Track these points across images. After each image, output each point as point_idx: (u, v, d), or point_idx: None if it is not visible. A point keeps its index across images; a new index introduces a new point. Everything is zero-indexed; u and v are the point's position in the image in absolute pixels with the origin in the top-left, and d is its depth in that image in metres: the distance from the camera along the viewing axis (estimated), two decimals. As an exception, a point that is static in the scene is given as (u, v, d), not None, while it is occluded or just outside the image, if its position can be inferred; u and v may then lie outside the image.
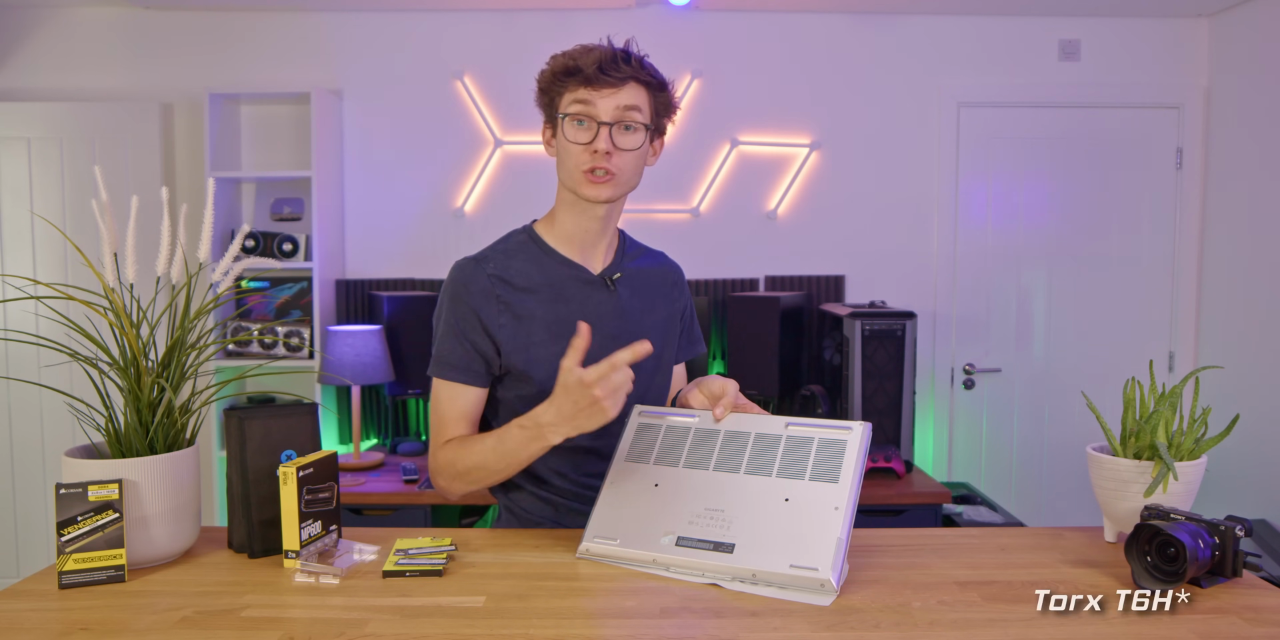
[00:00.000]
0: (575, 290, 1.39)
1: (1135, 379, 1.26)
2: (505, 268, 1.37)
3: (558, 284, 1.39)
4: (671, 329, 1.51)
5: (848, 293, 3.35)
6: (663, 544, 1.16)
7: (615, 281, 1.43)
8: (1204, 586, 1.10)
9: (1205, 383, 3.22)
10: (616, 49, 1.33)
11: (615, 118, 1.31)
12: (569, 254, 1.41)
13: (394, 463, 2.94)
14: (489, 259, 1.38)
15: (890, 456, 2.71)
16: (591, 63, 1.30)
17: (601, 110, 1.31)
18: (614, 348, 1.34)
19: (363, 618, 1.02)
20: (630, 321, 1.42)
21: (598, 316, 1.38)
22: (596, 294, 1.41)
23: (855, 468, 1.15)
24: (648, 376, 1.44)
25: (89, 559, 1.11)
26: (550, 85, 1.34)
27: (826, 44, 3.31)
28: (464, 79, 3.26)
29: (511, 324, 1.35)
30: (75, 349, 1.24)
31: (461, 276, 1.36)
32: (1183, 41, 3.33)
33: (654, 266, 1.52)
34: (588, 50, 1.33)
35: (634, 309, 1.44)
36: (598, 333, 1.36)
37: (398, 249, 3.31)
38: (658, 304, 1.49)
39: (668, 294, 1.52)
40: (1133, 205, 3.37)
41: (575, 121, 1.32)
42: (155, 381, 1.20)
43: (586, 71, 1.30)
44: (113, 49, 3.26)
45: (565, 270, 1.40)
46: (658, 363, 1.46)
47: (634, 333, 1.41)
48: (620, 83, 1.31)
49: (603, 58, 1.30)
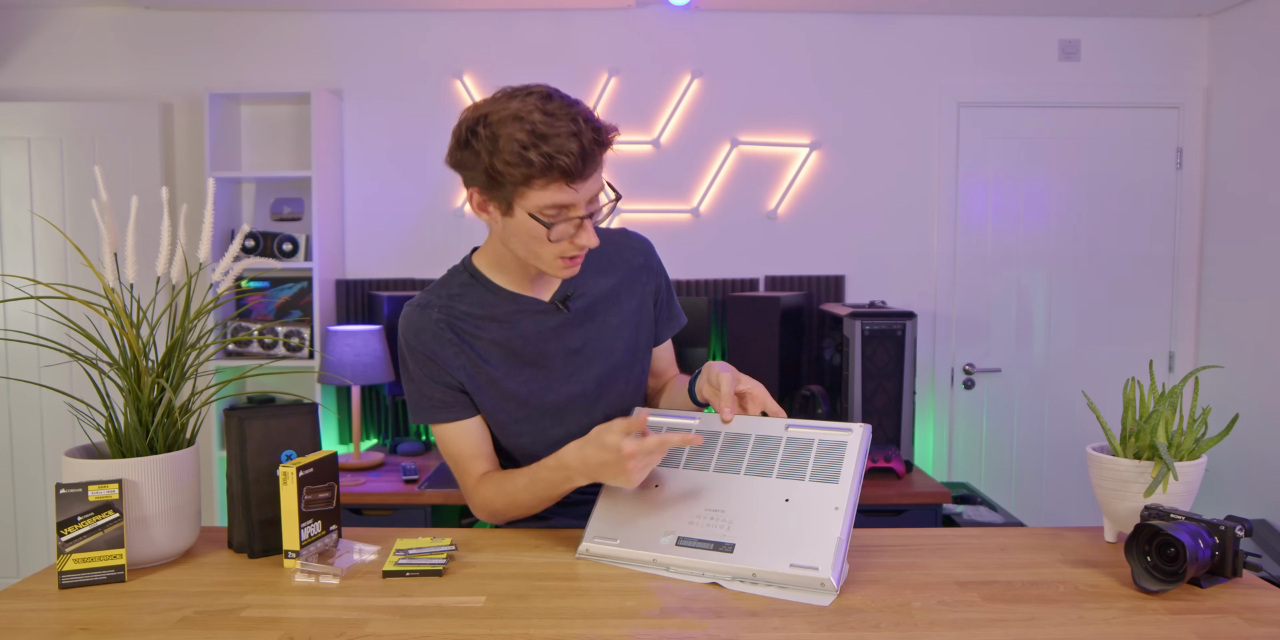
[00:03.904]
0: (527, 320, 1.32)
1: (1135, 379, 1.26)
2: (450, 311, 1.31)
3: (508, 319, 1.32)
4: (644, 318, 1.43)
5: (848, 293, 3.35)
6: (663, 544, 1.16)
7: (568, 300, 1.34)
8: (1204, 586, 1.10)
9: (1205, 383, 3.23)
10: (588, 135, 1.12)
11: (592, 205, 1.19)
12: (515, 287, 1.33)
13: (394, 463, 2.94)
14: (432, 306, 1.31)
15: (890, 456, 2.71)
16: (574, 159, 1.11)
17: (581, 202, 1.17)
18: (581, 363, 1.35)
19: (363, 618, 1.02)
20: (594, 330, 1.36)
21: (556, 342, 1.33)
22: (551, 319, 1.33)
23: (855, 469, 1.16)
24: (628, 371, 1.40)
25: (89, 559, 1.11)
26: (512, 182, 1.14)
27: (826, 44, 3.31)
28: (464, 79, 3.26)
29: (469, 366, 1.31)
30: (75, 349, 1.24)
31: (411, 326, 1.31)
32: (1183, 41, 3.33)
33: (615, 258, 1.40)
34: (558, 136, 1.11)
35: (596, 317, 1.36)
36: (561, 350, 1.34)
37: (398, 249, 3.31)
38: (623, 300, 1.40)
39: (633, 284, 1.41)
40: (1133, 205, 3.37)
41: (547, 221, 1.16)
42: (155, 381, 1.20)
43: (570, 171, 1.12)
44: (113, 49, 3.26)
45: (513, 305, 1.32)
46: (634, 355, 1.41)
47: (601, 340, 1.36)
48: (595, 170, 1.16)
49: (584, 148, 1.12)
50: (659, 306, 1.46)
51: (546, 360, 1.33)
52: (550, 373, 1.34)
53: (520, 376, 1.32)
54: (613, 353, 1.38)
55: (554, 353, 1.34)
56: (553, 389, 1.34)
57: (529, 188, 1.14)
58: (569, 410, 1.36)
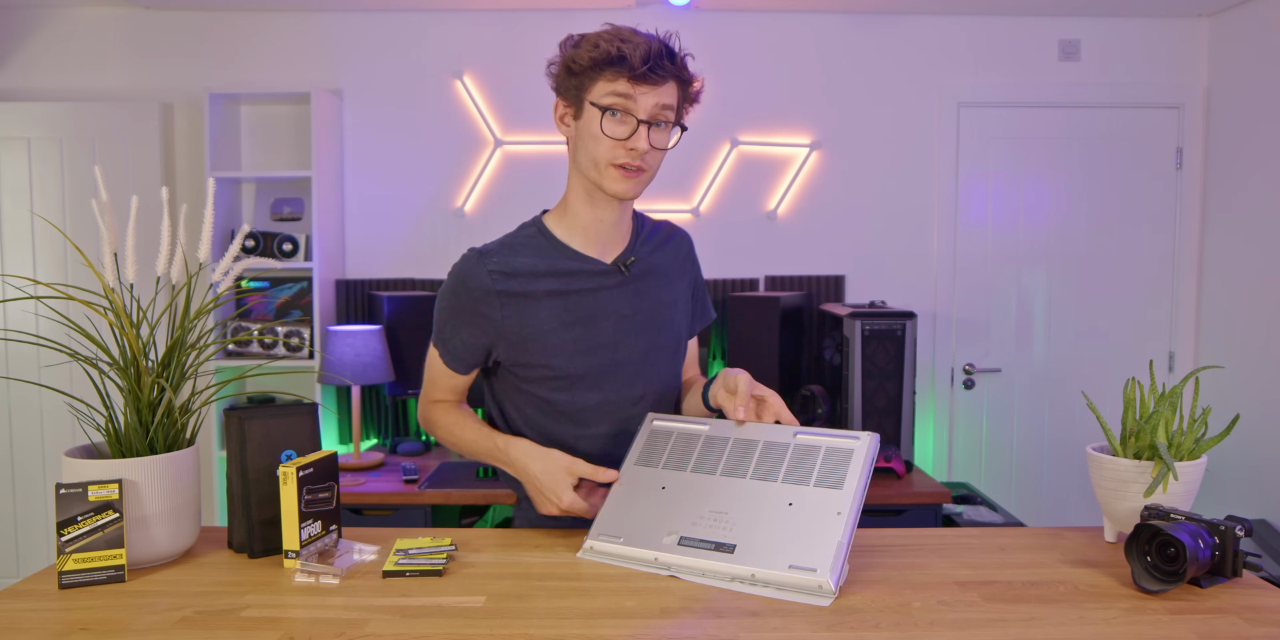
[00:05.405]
0: (585, 281, 1.36)
1: (1135, 379, 1.26)
2: (508, 263, 1.34)
3: (566, 276, 1.36)
4: (687, 304, 1.49)
5: (848, 293, 3.35)
6: (665, 543, 1.17)
7: (630, 267, 1.39)
8: (1204, 586, 1.10)
9: (1205, 383, 3.23)
10: (665, 44, 1.27)
11: (652, 116, 1.26)
12: (581, 246, 1.37)
13: (394, 463, 2.94)
14: (493, 253, 1.35)
15: (890, 456, 2.71)
16: (639, 57, 1.23)
17: (641, 107, 1.26)
18: (630, 330, 1.39)
19: (363, 618, 1.02)
20: (646, 304, 1.40)
21: (610, 304, 1.37)
22: (608, 282, 1.37)
23: (860, 476, 1.16)
24: (670, 354, 1.45)
25: (89, 559, 1.11)
26: (585, 70, 1.27)
27: (826, 44, 3.31)
28: (464, 79, 3.26)
29: (516, 315, 1.33)
30: (75, 349, 1.24)
31: (463, 272, 1.34)
32: (1183, 41, 3.33)
33: (668, 243, 1.48)
34: (632, 41, 1.25)
35: (649, 291, 1.41)
36: (612, 317, 1.38)
37: (398, 249, 3.32)
38: (674, 282, 1.46)
39: (681, 268, 1.48)
40: (1133, 205, 3.37)
41: (611, 114, 1.26)
42: (155, 381, 1.20)
43: (633, 64, 1.24)
44: (113, 49, 3.26)
45: (574, 264, 1.36)
46: (677, 341, 1.46)
47: (650, 315, 1.40)
48: (662, 81, 1.26)
49: (651, 53, 1.24)
50: (695, 298, 1.53)
51: (598, 321, 1.37)
52: (598, 335, 1.37)
53: (568, 334, 1.35)
54: (659, 329, 1.42)
55: (606, 314, 1.37)
56: (597, 352, 1.37)
57: (598, 76, 1.26)
58: (610, 378, 1.38)
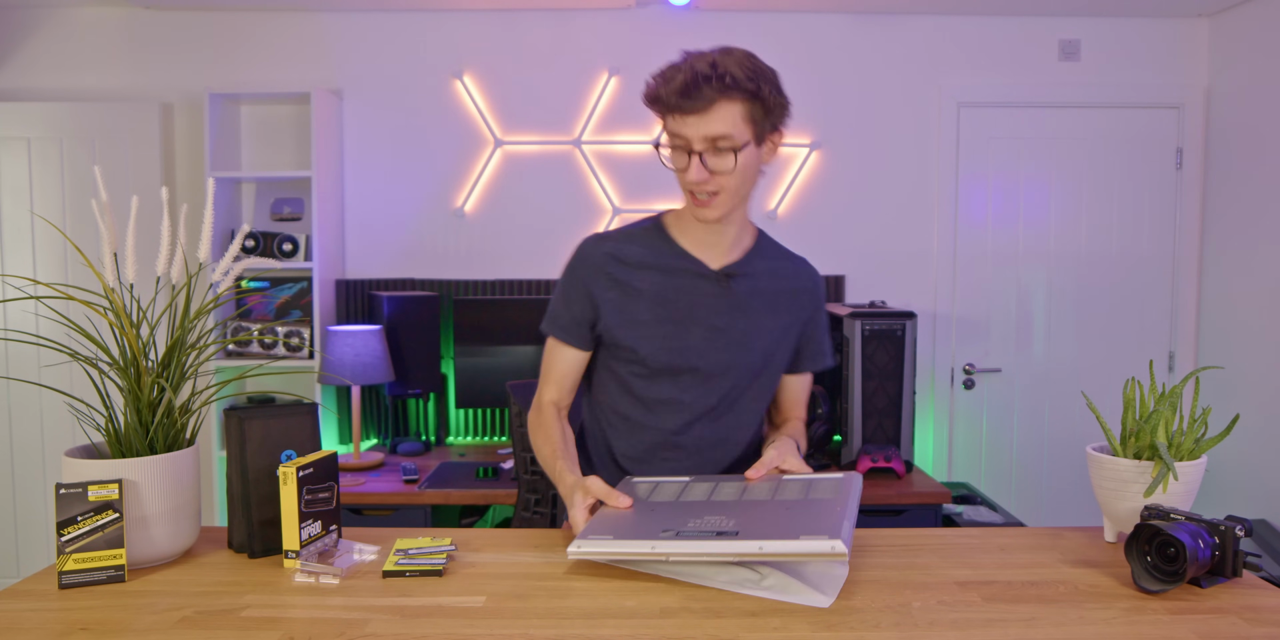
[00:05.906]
0: (686, 280, 1.42)
1: (1135, 379, 1.26)
2: (621, 249, 1.43)
3: (669, 272, 1.42)
4: (786, 335, 1.49)
5: (848, 293, 3.35)
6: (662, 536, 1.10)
7: (731, 278, 1.43)
8: (1204, 586, 1.10)
9: (1205, 383, 3.23)
10: (698, 71, 1.26)
11: (705, 146, 1.28)
12: (690, 247, 1.44)
13: (394, 463, 2.94)
14: (610, 239, 1.45)
15: (890, 456, 2.71)
16: (675, 90, 1.26)
17: (692, 138, 1.29)
18: (720, 340, 1.43)
19: (363, 618, 1.02)
20: (740, 318, 1.43)
21: (705, 308, 1.42)
22: (707, 287, 1.42)
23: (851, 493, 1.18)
24: (754, 372, 1.46)
25: (89, 559, 1.11)
26: (650, 107, 1.33)
27: (826, 44, 3.31)
28: (464, 79, 3.26)
29: (618, 299, 1.41)
30: (75, 349, 1.24)
31: (582, 251, 1.45)
32: (1183, 41, 3.33)
33: (786, 272, 1.50)
34: (668, 74, 1.29)
35: (748, 307, 1.44)
36: (703, 324, 1.42)
37: (397, 249, 3.32)
38: (779, 307, 1.47)
39: (792, 301, 1.49)
40: (1133, 205, 3.37)
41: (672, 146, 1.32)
42: (155, 381, 1.20)
43: (667, 101, 1.28)
44: (113, 49, 3.26)
45: (680, 262, 1.43)
46: (766, 361, 1.47)
47: (742, 329, 1.43)
48: (706, 107, 1.26)
49: (688, 81, 1.25)
50: (805, 336, 1.53)
51: (690, 323, 1.42)
52: (688, 337, 1.42)
53: (660, 329, 1.41)
54: (750, 349, 1.44)
55: (699, 320, 1.42)
56: (683, 353, 1.42)
57: (662, 118, 1.33)
58: (688, 379, 1.43)
